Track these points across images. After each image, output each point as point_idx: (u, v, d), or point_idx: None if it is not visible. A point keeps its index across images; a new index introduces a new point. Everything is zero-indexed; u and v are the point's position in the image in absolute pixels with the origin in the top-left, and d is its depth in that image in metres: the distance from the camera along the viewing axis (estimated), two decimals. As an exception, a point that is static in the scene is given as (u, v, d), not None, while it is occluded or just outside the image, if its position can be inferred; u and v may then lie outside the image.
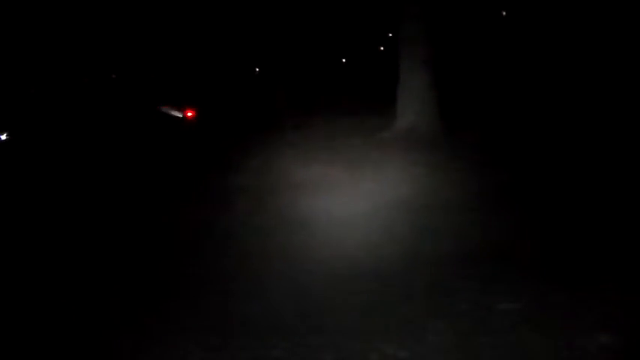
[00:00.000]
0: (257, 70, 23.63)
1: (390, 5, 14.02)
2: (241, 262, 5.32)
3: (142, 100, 15.01)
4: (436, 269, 4.81)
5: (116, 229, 6.70)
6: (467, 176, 7.83)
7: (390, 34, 23.19)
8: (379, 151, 9.88)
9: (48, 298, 4.80)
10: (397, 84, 11.13)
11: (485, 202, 6.64)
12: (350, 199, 7.24)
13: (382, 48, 26.17)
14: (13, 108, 15.01)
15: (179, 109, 13.44)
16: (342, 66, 26.64)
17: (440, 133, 10.49)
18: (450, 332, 3.75)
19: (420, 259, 5.07)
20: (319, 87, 20.13)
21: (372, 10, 22.36)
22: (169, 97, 15.23)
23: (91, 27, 17.98)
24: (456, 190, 7.23)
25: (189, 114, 13.91)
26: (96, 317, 4.39)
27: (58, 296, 4.82)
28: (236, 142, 12.12)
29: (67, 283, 5.09)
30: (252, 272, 5.06)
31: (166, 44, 20.35)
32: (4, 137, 12.14)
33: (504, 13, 22.03)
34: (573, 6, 16.90)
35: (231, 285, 4.80)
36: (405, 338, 3.72)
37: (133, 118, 13.05)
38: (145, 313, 4.40)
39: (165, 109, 13.45)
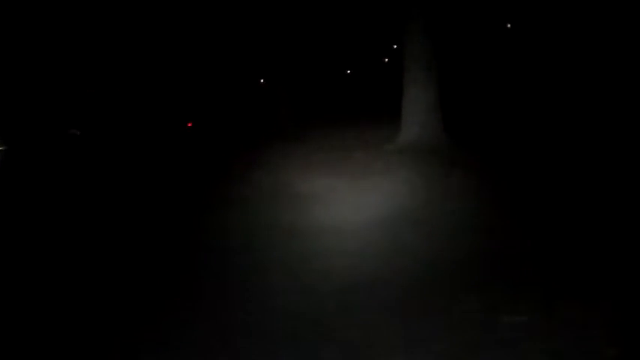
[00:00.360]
0: (262, 81, 23.67)
1: (394, 16, 14.04)
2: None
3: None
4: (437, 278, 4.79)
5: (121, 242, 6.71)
6: (470, 187, 7.79)
7: (395, 46, 23.23)
8: (382, 163, 9.85)
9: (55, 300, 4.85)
10: (402, 96, 11.10)
11: (488, 213, 6.60)
12: (351, 210, 7.21)
13: (387, 60, 26.19)
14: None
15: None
16: (347, 77, 26.66)
17: (444, 146, 10.44)
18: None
19: (423, 268, 5.06)
20: (324, 98, 20.16)
21: (376, 22, 22.42)
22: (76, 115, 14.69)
23: (93, 32, 17.91)
24: (459, 201, 7.19)
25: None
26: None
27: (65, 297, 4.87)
28: (239, 154, 12.13)
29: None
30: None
31: (171, 55, 20.40)
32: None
33: (509, 26, 22.03)
34: (577, 17, 16.88)
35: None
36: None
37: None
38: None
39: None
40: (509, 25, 22.07)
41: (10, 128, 12.79)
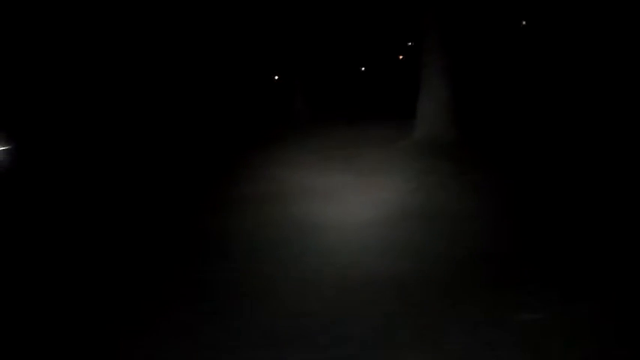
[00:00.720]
0: (276, 78, 23.76)
1: (409, 14, 14.06)
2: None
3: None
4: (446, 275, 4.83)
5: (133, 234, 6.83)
6: (483, 186, 7.81)
7: (410, 43, 23.18)
8: (397, 159, 9.88)
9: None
10: (417, 93, 11.14)
11: (500, 210, 6.64)
12: (363, 207, 7.26)
13: (402, 57, 26.12)
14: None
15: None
16: (362, 74, 26.61)
17: (459, 143, 10.43)
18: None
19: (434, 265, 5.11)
20: (339, 95, 20.17)
21: (392, 20, 22.39)
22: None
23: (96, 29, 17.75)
24: (471, 199, 7.22)
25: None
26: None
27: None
28: (254, 150, 12.16)
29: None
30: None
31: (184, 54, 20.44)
32: None
33: (524, 23, 21.90)
34: (592, 14, 16.74)
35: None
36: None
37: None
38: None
39: None
40: (524, 23, 21.93)
41: (13, 127, 12.60)
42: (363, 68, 26.86)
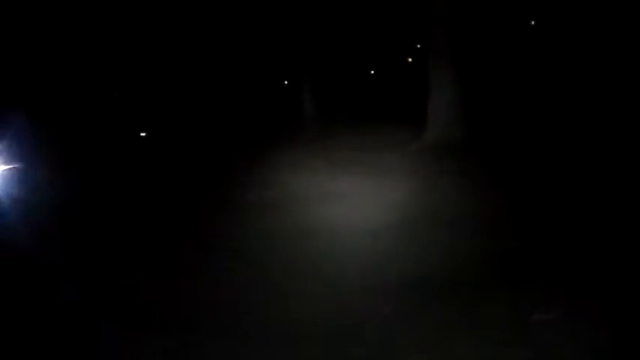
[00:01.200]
0: (286, 83, 23.85)
1: (418, 16, 14.13)
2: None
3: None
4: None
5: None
6: (492, 188, 7.89)
7: (419, 46, 23.20)
8: (408, 162, 9.94)
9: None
10: (426, 95, 11.18)
11: (510, 211, 6.73)
12: (377, 210, 7.35)
13: (410, 59, 26.14)
14: None
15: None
16: (371, 78, 26.63)
17: (470, 145, 10.45)
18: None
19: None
20: (349, 99, 20.20)
21: (400, 23, 22.45)
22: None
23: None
24: (483, 200, 7.30)
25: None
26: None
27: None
28: (264, 154, 12.21)
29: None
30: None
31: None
32: None
33: (533, 22, 21.86)
34: (602, 14, 16.68)
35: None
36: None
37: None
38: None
39: None
40: (533, 22, 21.88)
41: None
42: (372, 71, 26.86)
